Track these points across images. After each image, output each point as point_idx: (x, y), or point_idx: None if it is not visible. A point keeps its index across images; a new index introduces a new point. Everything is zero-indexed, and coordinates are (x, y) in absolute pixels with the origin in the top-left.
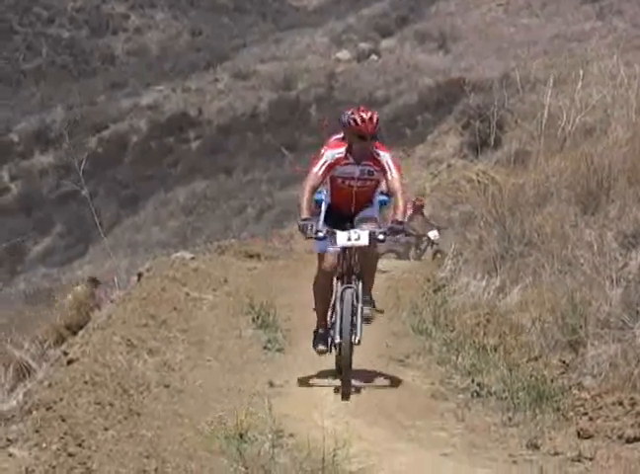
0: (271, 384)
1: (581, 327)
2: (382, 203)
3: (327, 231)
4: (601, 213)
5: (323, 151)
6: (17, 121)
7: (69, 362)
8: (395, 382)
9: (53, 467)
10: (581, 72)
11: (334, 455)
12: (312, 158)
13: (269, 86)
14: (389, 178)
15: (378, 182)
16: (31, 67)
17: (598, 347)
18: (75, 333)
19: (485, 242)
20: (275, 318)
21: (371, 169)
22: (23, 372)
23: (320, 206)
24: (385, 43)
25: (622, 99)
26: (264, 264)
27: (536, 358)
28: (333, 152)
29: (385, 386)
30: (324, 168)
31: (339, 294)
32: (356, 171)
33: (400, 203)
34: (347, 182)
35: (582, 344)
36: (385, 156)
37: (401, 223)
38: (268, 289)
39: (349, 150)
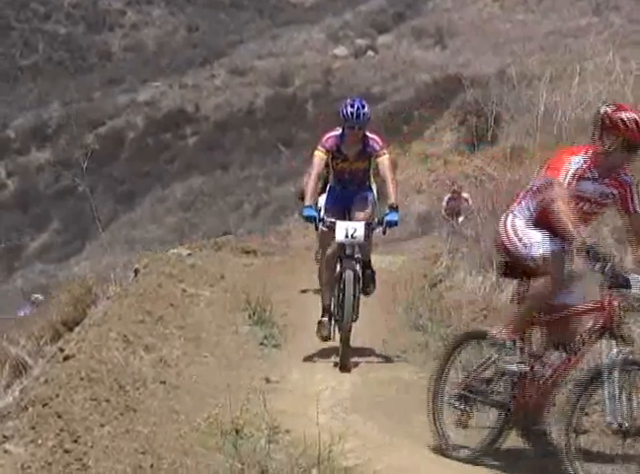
0: (267, 380)
1: None
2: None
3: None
4: None
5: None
6: (14, 118)
7: (65, 359)
8: (391, 377)
9: (49, 463)
10: (577, 68)
11: (329, 451)
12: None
13: (265, 82)
14: (636, 212)
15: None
16: (27, 63)
17: None
18: (71, 329)
19: (481, 238)
20: (271, 314)
21: (611, 191)
22: (19, 369)
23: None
24: (382, 40)
25: (618, 95)
26: (260, 260)
27: None
28: (577, 159)
29: (381, 382)
30: (575, 179)
31: None
32: (591, 190)
33: None
34: (579, 205)
35: None
36: (631, 180)
37: None
38: (264, 286)
39: (594, 160)
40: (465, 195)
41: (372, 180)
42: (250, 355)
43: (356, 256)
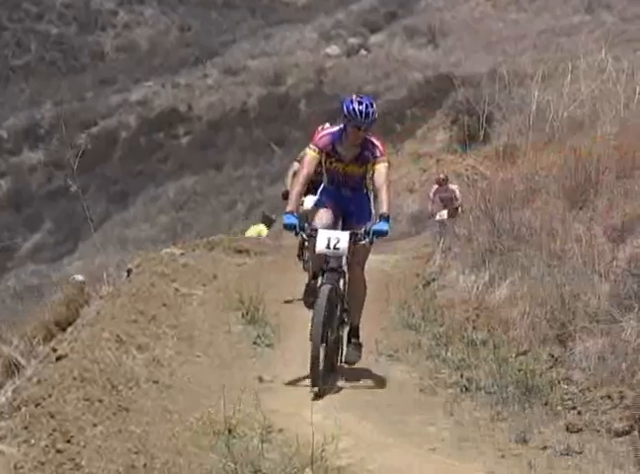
0: (260, 380)
1: (569, 321)
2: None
3: None
4: (590, 207)
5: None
6: (6, 118)
7: (58, 359)
8: (384, 377)
9: (42, 463)
10: (569, 66)
11: (323, 450)
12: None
13: (258, 81)
14: None
15: None
16: (19, 63)
17: (586, 341)
18: (64, 329)
19: (474, 237)
20: (264, 313)
21: None
22: (12, 369)
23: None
24: (374, 39)
25: (610, 93)
26: (253, 259)
27: (525, 353)
28: None
29: (374, 381)
30: None
31: None
32: None
33: None
34: None
35: (570, 338)
36: None
37: None
38: (257, 285)
39: None
40: (453, 186)
41: (369, 186)
42: (243, 355)
43: (342, 268)
